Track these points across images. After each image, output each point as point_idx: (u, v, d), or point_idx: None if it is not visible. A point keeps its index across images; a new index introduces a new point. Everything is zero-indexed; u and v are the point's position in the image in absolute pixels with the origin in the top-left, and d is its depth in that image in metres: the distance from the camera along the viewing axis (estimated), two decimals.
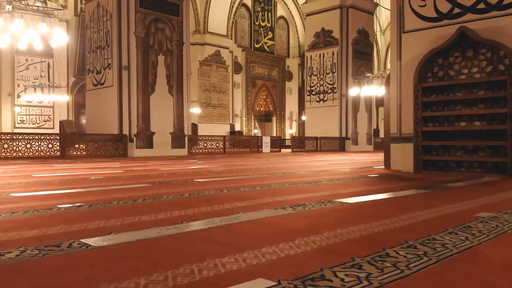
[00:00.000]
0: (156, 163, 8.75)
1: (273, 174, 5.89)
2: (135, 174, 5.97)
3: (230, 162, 9.54)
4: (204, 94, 25.95)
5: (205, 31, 25.75)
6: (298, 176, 5.72)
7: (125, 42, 12.68)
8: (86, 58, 14.27)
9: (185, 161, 9.98)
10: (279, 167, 7.55)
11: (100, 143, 12.34)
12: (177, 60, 13.55)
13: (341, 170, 6.95)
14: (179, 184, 4.59)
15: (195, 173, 6.18)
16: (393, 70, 7.05)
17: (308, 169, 7.03)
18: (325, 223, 2.41)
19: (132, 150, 12.58)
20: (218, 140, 15.51)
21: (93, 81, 13.69)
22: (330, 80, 20.40)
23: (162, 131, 13.15)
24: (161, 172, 6.30)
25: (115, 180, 5.03)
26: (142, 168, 7.16)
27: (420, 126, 6.17)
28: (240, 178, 5.32)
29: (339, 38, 20.11)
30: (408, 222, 2.41)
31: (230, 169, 6.98)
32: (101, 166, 7.80)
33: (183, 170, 6.66)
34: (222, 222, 2.38)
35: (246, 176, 5.68)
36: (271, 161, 10.04)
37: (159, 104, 13.11)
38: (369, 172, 6.39)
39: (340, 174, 6.14)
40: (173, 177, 5.43)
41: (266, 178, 5.28)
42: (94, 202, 3.19)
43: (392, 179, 5.38)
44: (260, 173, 6.19)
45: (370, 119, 21.18)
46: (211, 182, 4.84)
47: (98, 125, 13.38)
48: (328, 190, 3.97)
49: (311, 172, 6.38)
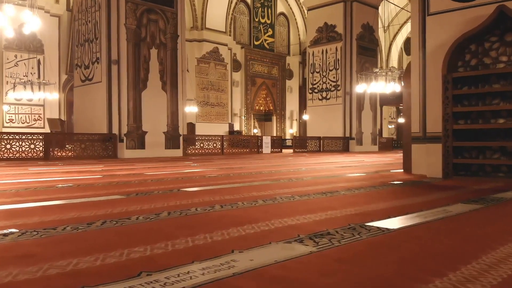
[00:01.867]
0: (144, 166, 7.81)
1: (277, 181, 4.95)
2: (114, 180, 5.03)
3: (227, 164, 8.60)
4: (202, 92, 24.99)
5: (203, 27, 24.81)
6: (307, 183, 4.79)
7: (115, 34, 11.74)
8: (74, 52, 13.33)
9: (178, 163, 9.04)
10: (282, 171, 6.61)
11: (88, 143, 11.40)
12: (171, 54, 12.61)
13: (355, 174, 6.01)
14: (161, 195, 3.65)
15: (185, 179, 5.24)
16: (414, 60, 6.11)
17: (316, 174, 6.09)
18: (374, 276, 1.48)
19: (122, 151, 11.63)
20: (215, 140, 14.57)
21: (81, 77, 12.74)
22: (334, 77, 19.46)
23: (155, 131, 12.21)
24: (146, 177, 5.36)
25: (83, 190, 4.09)
26: (126, 173, 6.22)
27: (450, 123, 5.23)
28: (238, 186, 4.38)
29: (343, 33, 19.18)
30: (506, 273, 1.48)
31: (227, 174, 6.04)
32: (81, 170, 6.86)
33: (172, 175, 5.72)
34: (206, 277, 1.44)
35: (245, 183, 4.74)
36: (273, 163, 9.11)
37: (152, 101, 12.16)
38: (389, 178, 5.46)
39: (356, 180, 5.20)
40: (157, 184, 4.49)
41: (269, 187, 4.34)
42: (32, 227, 2.26)
43: (423, 188, 4.44)
44: (261, 178, 5.25)
45: (375, 118, 20.24)
46: (201, 192, 3.90)
47: (87, 124, 12.44)
48: (353, 206, 3.03)
49: (322, 178, 5.44)
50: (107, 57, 11.78)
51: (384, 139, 22.24)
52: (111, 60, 11.73)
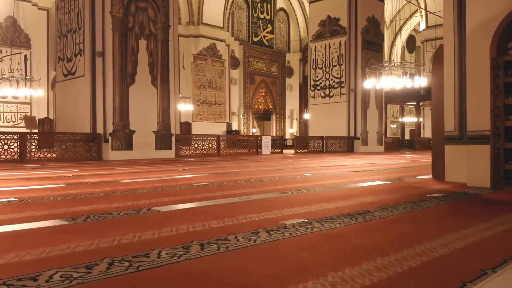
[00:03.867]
0: (125, 170, 6.70)
1: (283, 193, 3.85)
2: (73, 192, 3.92)
3: (223, 167, 7.49)
4: (199, 90, 23.86)
5: (200, 22, 23.70)
6: (323, 197, 3.68)
7: (99, 24, 10.62)
8: (57, 44, 12.19)
9: (166, 166, 7.93)
10: (287, 177, 5.51)
11: (69, 144, 10.27)
12: (162, 46, 11.48)
13: (376, 183, 4.91)
14: (117, 221, 2.55)
15: (165, 189, 4.13)
16: (448, 42, 5.01)
17: (329, 181, 4.98)
18: None
19: (107, 152, 10.51)
20: (211, 140, 13.44)
21: (63, 71, 11.62)
22: (337, 74, 18.35)
23: (144, 130, 11.08)
24: (117, 187, 4.25)
25: (21, 208, 2.98)
26: (98, 180, 5.11)
27: (502, 119, 4.13)
28: (231, 203, 3.28)
29: (347, 27, 18.06)
30: None
31: (220, 181, 4.93)
32: (47, 176, 5.75)
33: (152, 184, 4.61)
34: None
35: (241, 196, 3.63)
36: (275, 166, 8.00)
37: (140, 97, 11.04)
38: (422, 188, 4.36)
39: (383, 192, 4.10)
40: (125, 200, 3.38)
41: (274, 203, 3.24)
42: None
43: (480, 205, 3.34)
44: (262, 189, 4.15)
45: (381, 116, 19.13)
46: (178, 214, 2.80)
47: (69, 122, 11.32)
48: (406, 243, 1.93)
49: (338, 188, 4.34)
50: (91, 48, 10.65)
51: (389, 139, 21.13)
52: (95, 52, 10.60)
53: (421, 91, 23.40)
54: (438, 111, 5.38)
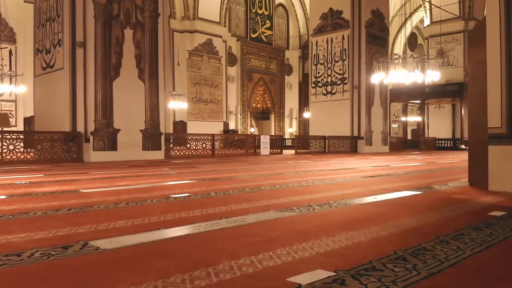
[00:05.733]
0: (99, 176, 5.67)
1: (289, 212, 2.82)
2: (4, 210, 2.89)
3: (215, 171, 6.46)
4: (194, 88, 22.79)
5: (195, 16, 22.63)
6: (346, 220, 2.66)
7: (80, 11, 9.58)
8: (35, 35, 11.14)
9: (150, 170, 6.89)
10: (291, 185, 4.48)
11: (45, 144, 9.23)
12: (150, 36, 10.44)
13: (406, 194, 3.88)
14: (21, 272, 1.52)
15: (130, 205, 3.10)
16: (492, 15, 4.00)
17: (345, 191, 3.96)
18: None
19: (88, 153, 9.47)
20: (205, 139, 12.40)
21: (42, 64, 10.57)
22: (340, 69, 17.33)
23: (130, 128, 10.04)
24: (68, 202, 3.22)
25: None
26: (54, 189, 4.07)
27: None
28: (215, 231, 2.25)
29: (350, 20, 17.05)
30: None
31: (206, 192, 3.90)
32: None
33: (117, 196, 3.58)
34: None
35: (229, 219, 2.60)
36: (275, 169, 6.98)
37: (126, 92, 10.00)
38: (467, 202, 3.34)
39: (423, 209, 3.08)
40: (62, 225, 2.35)
41: (278, 234, 2.21)
42: None
43: None
44: (260, 204, 3.12)
45: (386, 115, 18.11)
46: (125, 259, 1.77)
47: (48, 120, 10.28)
48: None
49: (362, 203, 3.31)
50: (71, 38, 9.61)
51: (394, 139, 20.11)
52: (76, 43, 9.57)
53: (426, 89, 22.42)
54: (476, 104, 4.37)
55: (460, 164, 8.36)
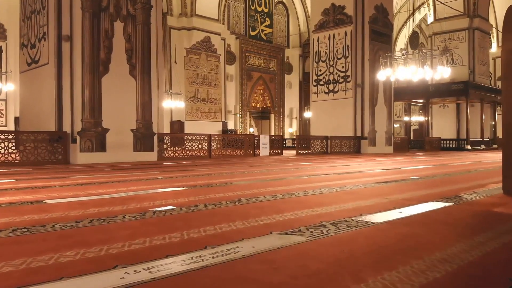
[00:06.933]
0: (77, 181, 5.01)
1: (296, 235, 2.17)
2: None
3: (209, 176, 5.80)
4: (192, 86, 22.12)
5: (193, 13, 21.97)
6: (371, 245, 2.00)
7: (67, 2, 8.93)
8: (21, 29, 10.47)
9: (138, 173, 6.23)
10: (296, 194, 3.82)
11: (28, 144, 8.57)
12: (142, 30, 9.77)
13: (435, 206, 3.23)
14: None
15: (94, 223, 2.45)
16: None
17: (360, 203, 3.30)
18: None
19: (75, 154, 8.82)
20: (201, 140, 11.75)
21: (27, 59, 9.92)
22: (342, 67, 16.67)
23: (120, 128, 9.38)
24: (24, 217, 2.57)
25: None
26: (15, 199, 3.42)
27: None
28: (198, 269, 1.59)
29: (353, 16, 16.39)
30: None
31: (195, 203, 3.24)
32: None
33: (85, 209, 2.93)
34: None
35: (217, 248, 1.95)
36: (276, 173, 6.32)
37: (116, 89, 9.34)
38: None
39: (468, 229, 2.42)
40: (11, 248, 1.70)
41: (288, 273, 1.56)
42: None
43: None
44: (259, 223, 2.47)
45: (390, 114, 17.44)
46: None
47: (33, 119, 9.64)
48: None
49: (387, 221, 2.66)
50: (57, 32, 8.96)
51: (397, 139, 19.45)
52: (62, 36, 8.91)
53: (430, 87, 21.78)
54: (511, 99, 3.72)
55: (476, 167, 7.71)
